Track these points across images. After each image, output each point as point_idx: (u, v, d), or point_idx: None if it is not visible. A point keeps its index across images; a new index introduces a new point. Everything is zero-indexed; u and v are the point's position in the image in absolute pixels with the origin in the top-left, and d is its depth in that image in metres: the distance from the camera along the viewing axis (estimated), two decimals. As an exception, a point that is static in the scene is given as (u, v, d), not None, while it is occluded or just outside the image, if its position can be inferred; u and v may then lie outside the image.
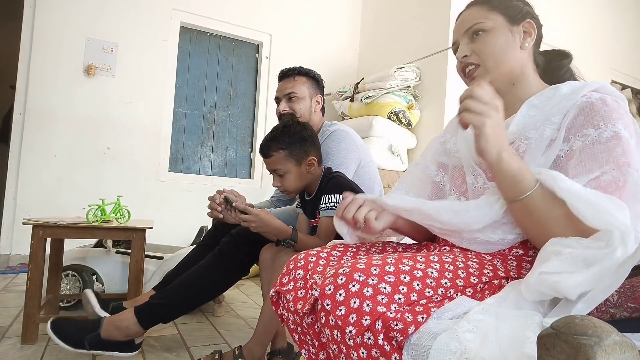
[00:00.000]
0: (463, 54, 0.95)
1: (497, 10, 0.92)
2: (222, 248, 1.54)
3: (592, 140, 0.76)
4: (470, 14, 0.95)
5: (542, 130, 0.83)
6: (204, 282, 1.51)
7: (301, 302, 0.75)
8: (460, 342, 0.57)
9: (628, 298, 0.64)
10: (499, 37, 0.91)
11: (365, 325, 0.61)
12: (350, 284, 0.64)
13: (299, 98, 1.77)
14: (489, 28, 0.92)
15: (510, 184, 0.75)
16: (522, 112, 0.87)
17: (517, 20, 0.92)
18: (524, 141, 0.85)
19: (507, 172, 0.74)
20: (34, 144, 3.18)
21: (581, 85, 0.85)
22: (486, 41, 0.92)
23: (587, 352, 0.42)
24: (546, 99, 0.87)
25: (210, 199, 1.67)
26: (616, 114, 0.78)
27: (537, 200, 0.73)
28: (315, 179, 1.47)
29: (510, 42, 0.91)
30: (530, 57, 0.94)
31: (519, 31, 0.92)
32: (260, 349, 1.44)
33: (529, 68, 0.94)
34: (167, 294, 1.48)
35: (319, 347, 0.75)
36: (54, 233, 1.71)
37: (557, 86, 0.88)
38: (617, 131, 0.75)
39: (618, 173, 0.72)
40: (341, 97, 3.79)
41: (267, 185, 3.86)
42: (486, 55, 0.92)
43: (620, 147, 0.74)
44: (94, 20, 3.34)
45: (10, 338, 1.70)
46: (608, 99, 0.79)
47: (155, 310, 1.45)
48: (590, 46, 4.23)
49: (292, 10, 4.09)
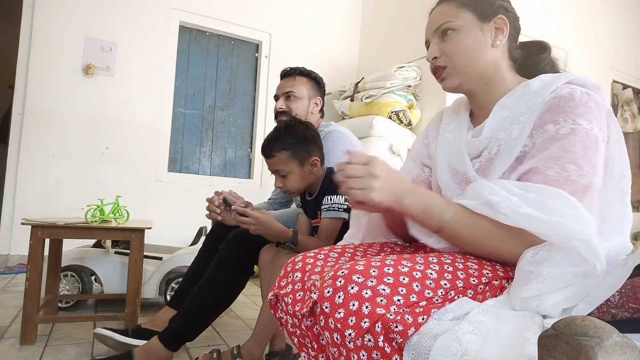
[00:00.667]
0: (432, 55, 0.92)
1: (467, 7, 0.89)
2: (220, 256, 1.54)
3: (548, 136, 0.75)
4: (439, 12, 0.92)
5: (511, 131, 0.82)
6: (211, 294, 1.52)
7: (299, 304, 0.74)
8: (460, 344, 0.56)
9: (629, 298, 0.63)
10: (468, 36, 0.88)
11: (364, 328, 0.61)
12: (349, 286, 0.64)
13: (297, 98, 1.77)
14: (458, 27, 0.88)
15: (422, 221, 0.76)
16: (494, 115, 0.86)
17: (487, 17, 0.88)
18: (495, 143, 0.83)
19: (414, 212, 0.76)
20: (33, 144, 3.18)
21: (552, 79, 0.82)
22: (455, 41, 0.89)
23: (588, 353, 0.41)
24: (517, 97, 0.85)
25: (209, 200, 1.67)
26: (583, 108, 0.75)
27: (458, 225, 0.74)
28: (317, 180, 1.46)
29: (481, 41, 0.88)
30: (504, 54, 0.91)
31: (490, 28, 0.88)
32: (258, 350, 1.44)
33: (503, 66, 0.90)
34: (184, 315, 1.50)
35: (318, 350, 0.75)
36: (53, 233, 1.70)
37: (527, 83, 0.85)
38: (575, 127, 0.73)
39: (563, 170, 0.71)
40: (341, 97, 3.79)
41: (266, 185, 3.86)
42: (455, 57, 0.89)
43: (577, 143, 0.72)
44: (92, 20, 3.34)
45: (9, 338, 1.70)
46: (576, 93, 0.77)
47: (178, 334, 1.48)
48: (592, 46, 4.23)
49: (291, 10, 4.09)
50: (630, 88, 4.90)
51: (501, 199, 0.69)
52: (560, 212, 0.65)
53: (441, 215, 0.74)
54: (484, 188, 0.72)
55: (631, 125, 4.95)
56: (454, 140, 0.93)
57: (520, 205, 0.67)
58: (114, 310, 2.15)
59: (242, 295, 2.70)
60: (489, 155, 0.84)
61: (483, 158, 0.85)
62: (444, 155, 0.94)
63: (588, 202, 0.71)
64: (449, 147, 0.94)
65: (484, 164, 0.85)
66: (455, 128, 0.96)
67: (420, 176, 1.02)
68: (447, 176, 0.92)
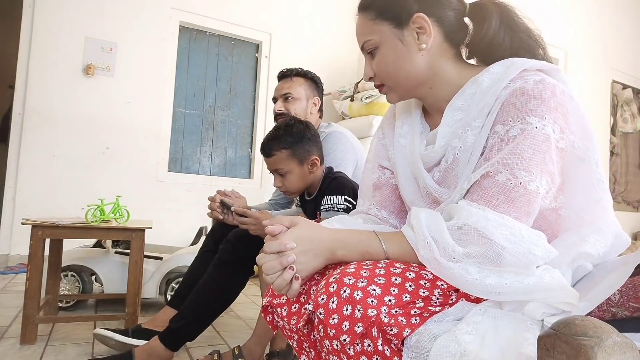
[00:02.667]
0: (368, 76, 0.88)
1: (380, 17, 0.82)
2: (220, 256, 1.54)
3: (498, 138, 0.71)
4: (358, 29, 0.87)
5: (465, 138, 0.76)
6: (212, 295, 1.52)
7: (295, 317, 0.73)
8: (459, 344, 0.56)
9: (630, 297, 0.64)
10: (390, 51, 0.82)
11: (358, 333, 0.60)
12: (342, 290, 0.63)
13: (295, 99, 1.77)
14: (378, 43, 0.83)
15: (365, 259, 0.72)
16: (446, 119, 0.80)
17: (404, 22, 0.81)
18: (450, 152, 0.78)
19: (353, 260, 0.72)
20: (33, 144, 3.18)
21: (502, 72, 0.76)
22: (379, 61, 0.84)
23: (587, 353, 0.41)
24: (469, 96, 0.79)
25: (210, 199, 1.67)
26: (535, 101, 0.69)
27: (402, 255, 0.71)
28: (316, 179, 1.46)
29: (403, 51, 0.81)
30: (440, 51, 0.82)
31: (410, 33, 0.81)
32: (259, 349, 1.44)
33: (441, 65, 0.83)
34: (184, 315, 1.50)
35: (316, 357, 0.74)
36: (53, 233, 1.70)
37: (476, 79, 0.79)
38: (524, 128, 0.69)
39: (512, 176, 0.67)
40: (341, 97, 3.79)
41: (266, 185, 3.86)
42: (384, 75, 0.85)
43: (526, 144, 0.68)
44: (93, 20, 3.34)
45: (9, 338, 1.70)
46: (528, 85, 0.71)
47: (179, 334, 1.47)
48: (591, 46, 4.23)
49: (291, 10, 4.09)
50: (630, 88, 4.91)
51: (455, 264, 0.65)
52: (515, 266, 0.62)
53: (381, 254, 0.72)
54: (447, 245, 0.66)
55: (631, 125, 4.95)
56: (409, 147, 0.88)
57: (471, 272, 0.63)
58: (114, 310, 2.15)
59: (242, 295, 2.70)
60: (447, 164, 0.79)
61: (441, 168, 0.81)
62: (404, 163, 0.89)
63: (534, 207, 0.69)
64: (406, 155, 0.89)
65: (443, 174, 0.81)
66: (408, 131, 0.90)
67: (380, 179, 0.96)
68: (411, 188, 0.87)
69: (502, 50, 0.82)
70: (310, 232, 0.73)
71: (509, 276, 0.62)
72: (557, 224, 0.76)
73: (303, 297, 0.74)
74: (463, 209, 0.69)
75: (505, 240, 0.63)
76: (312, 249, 0.72)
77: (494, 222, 0.65)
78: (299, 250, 0.71)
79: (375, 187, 0.96)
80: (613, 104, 4.86)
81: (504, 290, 0.61)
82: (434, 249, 0.66)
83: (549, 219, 0.75)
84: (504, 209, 0.67)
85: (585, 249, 0.69)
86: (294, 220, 0.75)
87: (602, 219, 0.75)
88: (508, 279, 0.62)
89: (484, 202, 0.68)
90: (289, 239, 0.71)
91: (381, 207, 0.94)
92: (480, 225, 0.65)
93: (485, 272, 0.63)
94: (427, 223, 0.69)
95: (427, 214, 0.71)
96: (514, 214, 0.67)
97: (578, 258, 0.69)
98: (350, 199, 1.35)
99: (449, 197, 0.78)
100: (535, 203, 0.69)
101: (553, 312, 0.62)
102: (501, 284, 0.61)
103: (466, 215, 0.67)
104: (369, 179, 0.98)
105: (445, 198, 0.79)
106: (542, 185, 0.68)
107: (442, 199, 0.80)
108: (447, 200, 0.78)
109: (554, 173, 0.70)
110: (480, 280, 0.62)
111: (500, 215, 0.66)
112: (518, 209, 0.67)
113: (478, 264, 0.63)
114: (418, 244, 0.69)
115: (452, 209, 0.71)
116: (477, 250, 0.63)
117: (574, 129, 0.72)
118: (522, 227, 0.65)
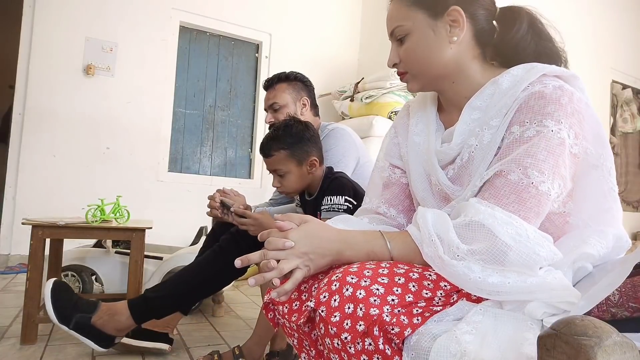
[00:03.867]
0: (392, 62, 0.88)
1: (416, 5, 0.83)
2: (221, 245, 1.53)
3: (514, 138, 0.72)
4: (392, 12, 0.87)
5: (482, 137, 0.77)
6: (200, 277, 1.49)
7: (296, 314, 0.73)
8: (459, 344, 0.56)
9: (629, 297, 0.64)
10: (420, 39, 0.83)
11: (359, 331, 0.60)
12: (344, 288, 0.63)
13: (282, 106, 1.76)
14: (409, 30, 0.84)
15: (371, 258, 0.73)
16: (464, 117, 0.81)
17: (439, 12, 0.82)
18: (466, 150, 0.79)
19: (359, 257, 0.73)
20: (33, 143, 3.18)
21: (522, 74, 0.77)
22: (408, 47, 0.84)
23: (587, 353, 0.41)
24: (487, 97, 0.80)
25: (210, 198, 1.67)
26: (552, 106, 0.70)
27: (407, 256, 0.72)
28: (316, 180, 1.46)
29: (435, 42, 0.82)
30: (467, 47, 0.84)
31: (444, 25, 0.82)
32: (259, 349, 1.44)
33: (466, 61, 0.84)
34: (163, 287, 1.48)
35: (317, 356, 0.74)
36: (53, 233, 1.71)
37: (496, 80, 0.80)
38: (540, 130, 0.69)
39: (525, 176, 0.68)
40: (341, 97, 3.79)
41: (266, 185, 3.86)
42: (410, 62, 0.86)
43: (541, 146, 0.68)
44: (93, 20, 3.34)
45: (9, 338, 1.70)
46: (547, 90, 0.72)
47: (150, 304, 1.43)
48: (591, 46, 4.23)
49: (292, 10, 4.09)
50: (629, 88, 4.91)
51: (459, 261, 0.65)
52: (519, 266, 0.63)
53: (386, 254, 0.72)
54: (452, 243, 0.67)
55: (631, 125, 4.95)
56: (423, 145, 0.89)
57: (474, 271, 0.63)
58: (115, 310, 2.15)
59: (242, 295, 2.71)
60: (462, 162, 0.80)
61: (456, 165, 0.82)
62: (417, 161, 0.89)
63: (544, 209, 0.69)
64: (420, 153, 0.89)
65: (457, 172, 0.81)
66: (423, 129, 0.91)
67: (391, 178, 0.97)
68: (423, 185, 0.88)
69: (525, 55, 0.83)
70: (320, 232, 0.74)
71: (512, 275, 0.62)
72: (564, 230, 0.76)
73: (304, 294, 0.74)
74: (472, 206, 0.69)
75: (510, 239, 0.63)
76: (320, 247, 0.72)
77: (500, 220, 0.65)
78: (306, 248, 0.71)
79: (385, 186, 0.97)
80: (613, 104, 4.86)
81: (507, 290, 0.62)
82: (438, 246, 0.66)
83: (556, 223, 0.76)
84: (514, 208, 0.68)
85: (587, 249, 0.70)
86: (304, 218, 0.76)
87: (612, 226, 0.75)
88: (511, 278, 0.62)
89: (494, 201, 0.69)
90: (297, 237, 0.72)
91: (390, 205, 0.95)
92: (487, 222, 0.65)
93: (489, 271, 0.63)
94: (433, 222, 0.70)
95: (433, 213, 0.72)
96: (523, 214, 0.67)
97: (579, 259, 0.70)
98: (350, 199, 1.35)
99: (461, 194, 0.78)
100: (545, 205, 0.69)
101: (554, 312, 0.62)
102: (504, 283, 0.62)
103: (474, 212, 0.68)
104: (379, 177, 0.99)
105: (457, 195, 0.80)
106: (554, 187, 0.69)
107: (454, 197, 0.80)
108: (459, 197, 0.78)
109: (565, 177, 0.71)
110: (483, 279, 0.62)
111: (508, 214, 0.66)
112: (528, 209, 0.68)
113: (482, 261, 0.63)
114: (423, 242, 0.69)
115: (462, 206, 0.72)
116: (482, 247, 0.64)
117: (589, 136, 0.73)
118: (528, 228, 0.65)
